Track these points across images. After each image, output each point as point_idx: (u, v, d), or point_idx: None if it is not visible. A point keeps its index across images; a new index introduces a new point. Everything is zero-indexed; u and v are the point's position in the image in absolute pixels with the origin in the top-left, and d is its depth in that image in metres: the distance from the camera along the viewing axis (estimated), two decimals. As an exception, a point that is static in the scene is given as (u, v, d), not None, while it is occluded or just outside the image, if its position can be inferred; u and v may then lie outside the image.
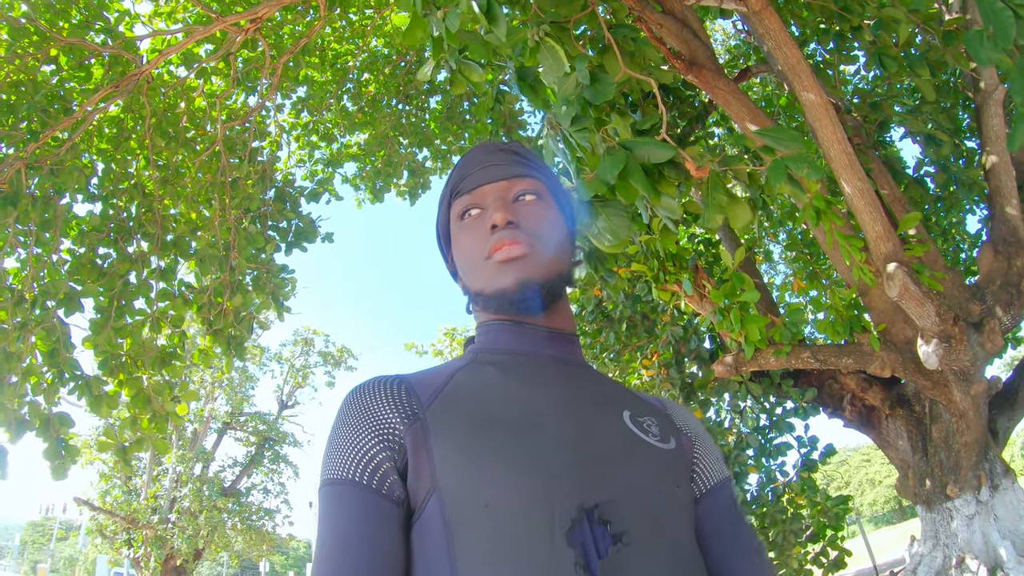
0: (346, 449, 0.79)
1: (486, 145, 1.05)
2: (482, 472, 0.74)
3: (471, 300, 0.99)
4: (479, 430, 0.78)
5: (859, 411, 4.05)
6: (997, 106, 3.68)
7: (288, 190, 5.49)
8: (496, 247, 0.90)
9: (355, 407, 0.83)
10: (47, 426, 3.59)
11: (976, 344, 3.04)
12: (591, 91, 2.03)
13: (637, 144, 1.76)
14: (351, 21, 6.28)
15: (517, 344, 0.93)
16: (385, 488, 0.76)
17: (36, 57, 3.95)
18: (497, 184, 0.97)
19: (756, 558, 0.86)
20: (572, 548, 0.68)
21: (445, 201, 1.03)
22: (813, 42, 4.44)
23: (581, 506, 0.71)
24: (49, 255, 3.99)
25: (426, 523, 0.74)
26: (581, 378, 0.91)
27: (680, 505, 0.80)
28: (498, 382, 0.86)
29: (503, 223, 0.90)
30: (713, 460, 0.93)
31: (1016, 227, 3.56)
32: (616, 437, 0.82)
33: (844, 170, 3.11)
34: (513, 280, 0.88)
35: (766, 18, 2.99)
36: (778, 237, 6.97)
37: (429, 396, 0.84)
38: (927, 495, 3.52)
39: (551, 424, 0.79)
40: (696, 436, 0.95)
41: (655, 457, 0.82)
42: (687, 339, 5.09)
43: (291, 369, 19.96)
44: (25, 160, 3.65)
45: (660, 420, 0.91)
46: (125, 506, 14.85)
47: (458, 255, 0.98)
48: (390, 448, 0.78)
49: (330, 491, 0.77)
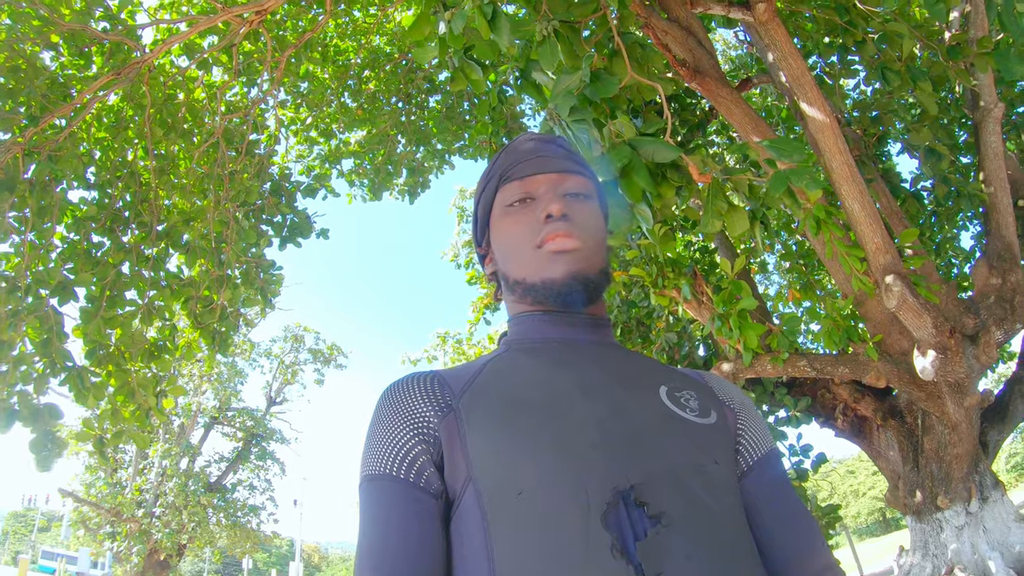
0: (383, 445, 0.80)
1: (535, 135, 1.05)
2: (515, 459, 0.74)
3: (506, 288, 0.98)
4: (511, 417, 0.78)
5: (851, 421, 4.07)
6: (996, 123, 3.71)
7: (284, 184, 5.47)
8: (550, 237, 0.89)
9: (390, 403, 0.84)
10: (36, 417, 3.55)
11: (971, 356, 3.07)
12: (592, 88, 2.04)
13: (642, 142, 1.76)
14: (354, 18, 6.27)
15: (547, 332, 0.93)
16: (423, 481, 0.77)
17: (36, 42, 3.91)
18: (550, 175, 0.97)
19: (807, 529, 0.84)
20: (608, 531, 0.67)
21: (491, 184, 1.01)
22: (815, 55, 4.47)
23: (616, 488, 0.70)
24: (44, 242, 3.95)
25: (464, 514, 0.74)
26: (614, 358, 0.90)
27: (721, 481, 0.78)
28: (530, 369, 0.86)
29: (559, 214, 0.90)
30: (758, 432, 0.91)
31: (1011, 243, 3.60)
32: (651, 415, 0.81)
33: (845, 182, 3.13)
34: (564, 272, 0.88)
35: (772, 29, 3.01)
36: (773, 248, 7.00)
37: (461, 387, 0.84)
38: (917, 506, 3.54)
39: (583, 407, 0.79)
40: (740, 408, 0.93)
41: (693, 433, 0.81)
42: (681, 345, 5.10)
43: (280, 365, 19.87)
44: (23, 146, 3.61)
45: (700, 393, 0.89)
46: (110, 499, 14.73)
47: (502, 240, 0.97)
48: (426, 441, 0.79)
49: (369, 487, 0.78)
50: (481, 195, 1.03)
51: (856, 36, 3.42)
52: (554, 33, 2.12)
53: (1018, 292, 3.40)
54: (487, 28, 1.86)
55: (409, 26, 2.23)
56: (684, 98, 5.03)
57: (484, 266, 1.06)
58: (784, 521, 0.83)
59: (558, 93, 2.09)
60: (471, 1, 1.89)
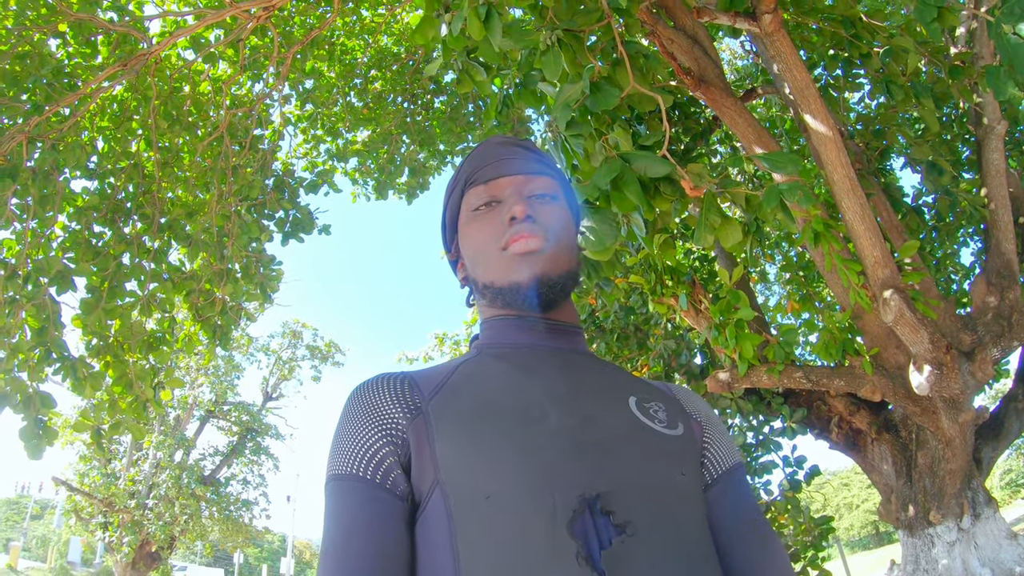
0: (350, 445, 0.79)
1: (501, 138, 1.05)
2: (483, 463, 0.74)
3: (477, 293, 0.98)
4: (480, 422, 0.78)
5: (846, 434, 4.07)
6: (998, 141, 3.72)
7: (288, 180, 5.47)
8: (514, 239, 0.90)
9: (359, 403, 0.84)
10: (28, 403, 3.54)
11: (967, 372, 3.08)
12: (592, 99, 2.04)
13: (636, 156, 1.76)
14: (362, 17, 6.28)
15: (521, 337, 0.92)
16: (389, 483, 0.76)
17: (43, 30, 3.92)
18: (515, 178, 0.97)
19: (769, 544, 0.84)
20: (574, 539, 0.68)
21: (457, 189, 1.01)
22: (820, 67, 4.48)
23: (583, 496, 0.71)
24: (45, 230, 3.95)
25: (430, 516, 0.74)
26: (585, 367, 0.91)
27: (686, 492, 0.79)
28: (500, 374, 0.86)
29: (522, 216, 0.90)
30: (724, 445, 0.92)
31: (1010, 261, 3.61)
32: (620, 425, 0.81)
33: (846, 195, 3.14)
34: (529, 274, 0.88)
35: (778, 40, 3.01)
36: (774, 258, 7.01)
37: (431, 390, 0.84)
38: (909, 520, 3.54)
39: (553, 414, 0.79)
40: (706, 421, 0.94)
41: (661, 444, 0.81)
42: (679, 353, 5.11)
43: (278, 361, 19.84)
44: (27, 134, 3.62)
45: (668, 405, 0.90)
46: (103, 489, 14.72)
47: (469, 244, 0.97)
48: (393, 443, 0.79)
49: (335, 486, 0.78)
50: (448, 200, 1.03)
51: (862, 49, 3.43)
52: (558, 42, 2.12)
53: (1016, 310, 3.40)
54: (480, 29, 1.86)
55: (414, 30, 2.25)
56: (688, 106, 5.04)
57: (456, 271, 1.06)
58: (746, 534, 0.84)
59: (558, 105, 2.09)
60: (468, 3, 1.89)
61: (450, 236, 1.05)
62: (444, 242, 1.07)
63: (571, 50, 2.16)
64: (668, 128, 1.89)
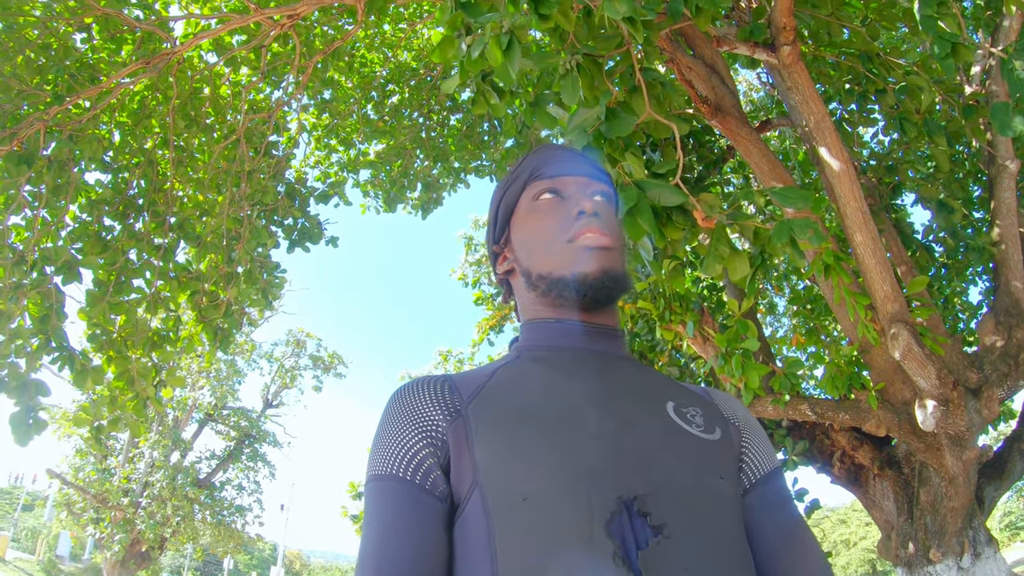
0: (391, 446, 0.80)
1: (562, 145, 1.08)
2: (521, 465, 0.74)
3: (527, 285, 0.97)
4: (519, 424, 0.78)
5: (848, 468, 4.04)
6: (1011, 180, 3.72)
7: (299, 188, 5.50)
8: (584, 232, 0.91)
9: (400, 405, 0.85)
10: (23, 389, 3.54)
11: (973, 410, 3.05)
12: (607, 125, 2.06)
13: (650, 185, 1.77)
14: (383, 31, 6.35)
15: (562, 341, 0.93)
16: (428, 484, 0.77)
17: (70, 23, 3.98)
18: (579, 178, 0.99)
19: (806, 550, 0.83)
20: (611, 539, 0.68)
21: (518, 181, 1.02)
22: (836, 100, 4.50)
23: (620, 498, 0.71)
24: (56, 219, 3.97)
25: (468, 517, 0.75)
26: (624, 370, 0.91)
27: (723, 496, 0.79)
28: (539, 377, 0.87)
29: (591, 211, 0.92)
30: (762, 450, 0.92)
31: (1019, 300, 3.59)
32: (657, 428, 0.81)
33: (858, 229, 3.14)
34: (598, 267, 0.89)
35: (795, 72, 3.03)
36: (783, 290, 7.00)
37: (471, 393, 0.85)
38: (909, 558, 3.50)
39: (591, 417, 0.79)
40: (745, 426, 0.94)
41: (698, 448, 0.82)
42: (682, 380, 5.08)
43: (280, 369, 19.82)
44: (46, 122, 3.65)
45: (706, 410, 0.90)
46: (97, 484, 14.67)
47: (528, 233, 0.98)
48: (433, 444, 0.80)
49: (375, 486, 0.79)
50: (505, 192, 1.03)
51: (877, 85, 3.45)
52: (576, 67, 2.14)
53: (1023, 349, 3.39)
54: (500, 56, 1.88)
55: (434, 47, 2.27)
56: (702, 135, 5.06)
57: (496, 266, 1.06)
58: (785, 538, 0.83)
59: (573, 128, 2.11)
60: (490, 29, 1.91)
61: (500, 229, 1.05)
62: (491, 235, 1.07)
63: (589, 75, 2.18)
64: (682, 157, 1.90)
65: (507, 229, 1.03)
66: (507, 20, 1.83)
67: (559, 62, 2.19)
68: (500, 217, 1.04)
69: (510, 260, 1.02)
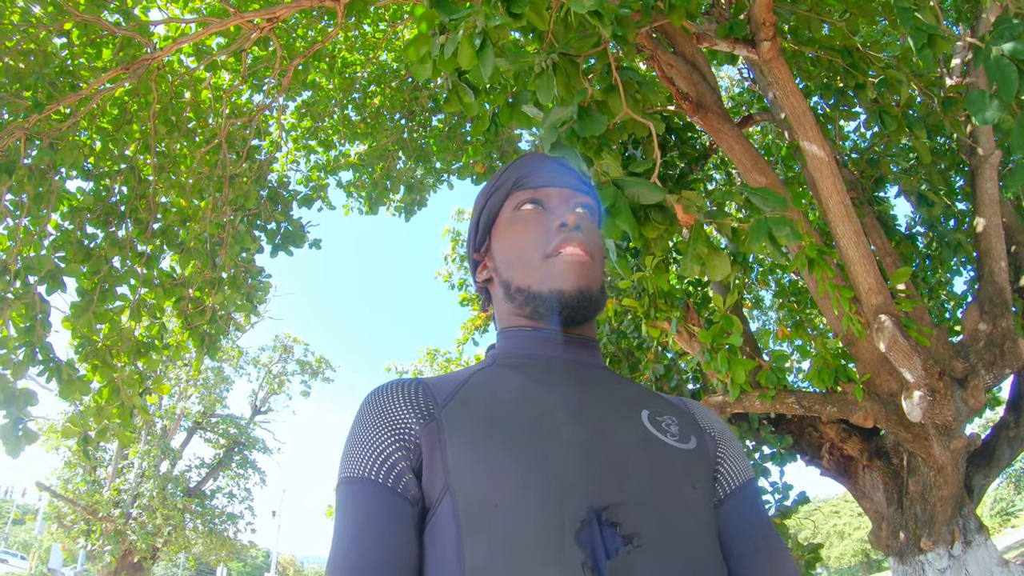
0: (363, 448, 0.80)
1: (547, 155, 1.06)
2: (493, 472, 0.74)
3: (505, 296, 0.97)
4: (492, 431, 0.78)
5: (837, 460, 4.06)
6: (992, 170, 3.76)
7: (282, 192, 5.47)
8: (564, 245, 0.90)
9: (373, 408, 0.84)
10: (11, 400, 3.50)
11: (959, 400, 3.08)
12: (580, 124, 2.05)
13: (628, 183, 1.76)
14: (364, 32, 6.32)
15: (538, 349, 0.93)
16: (400, 486, 0.77)
17: (49, 28, 3.93)
18: (563, 189, 0.98)
19: (778, 562, 0.84)
20: (581, 549, 0.68)
21: (501, 190, 1.01)
22: (816, 95, 4.52)
23: (591, 507, 0.71)
24: (38, 228, 3.93)
25: (439, 522, 0.74)
26: (599, 380, 0.91)
27: (696, 506, 0.78)
28: (514, 384, 0.86)
29: (573, 224, 0.91)
30: (737, 460, 0.92)
31: (1003, 289, 3.62)
32: (631, 438, 0.81)
33: (841, 221, 3.16)
34: (574, 285, 0.89)
35: (775, 67, 3.04)
36: (769, 284, 7.03)
37: (445, 397, 0.84)
38: (900, 547, 3.52)
39: (565, 426, 0.79)
40: (721, 436, 0.94)
41: (672, 457, 0.81)
42: (668, 377, 5.09)
43: (267, 375, 19.71)
44: (26, 131, 3.61)
45: (681, 419, 0.90)
46: (87, 496, 14.53)
47: (509, 245, 0.97)
48: (406, 448, 0.79)
49: (347, 488, 0.78)
50: (488, 199, 1.03)
51: (858, 79, 3.46)
52: (552, 67, 2.13)
53: (1008, 337, 3.41)
54: (472, 58, 1.87)
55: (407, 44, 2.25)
56: (684, 132, 5.07)
57: (476, 274, 1.05)
58: (756, 550, 0.83)
59: (545, 127, 2.10)
60: (464, 30, 1.90)
61: (482, 237, 1.04)
62: (471, 243, 1.07)
63: (565, 74, 2.17)
64: (659, 155, 1.89)
65: (488, 238, 1.03)
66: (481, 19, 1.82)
67: (535, 61, 2.18)
68: (481, 225, 1.03)
69: (489, 269, 1.02)
